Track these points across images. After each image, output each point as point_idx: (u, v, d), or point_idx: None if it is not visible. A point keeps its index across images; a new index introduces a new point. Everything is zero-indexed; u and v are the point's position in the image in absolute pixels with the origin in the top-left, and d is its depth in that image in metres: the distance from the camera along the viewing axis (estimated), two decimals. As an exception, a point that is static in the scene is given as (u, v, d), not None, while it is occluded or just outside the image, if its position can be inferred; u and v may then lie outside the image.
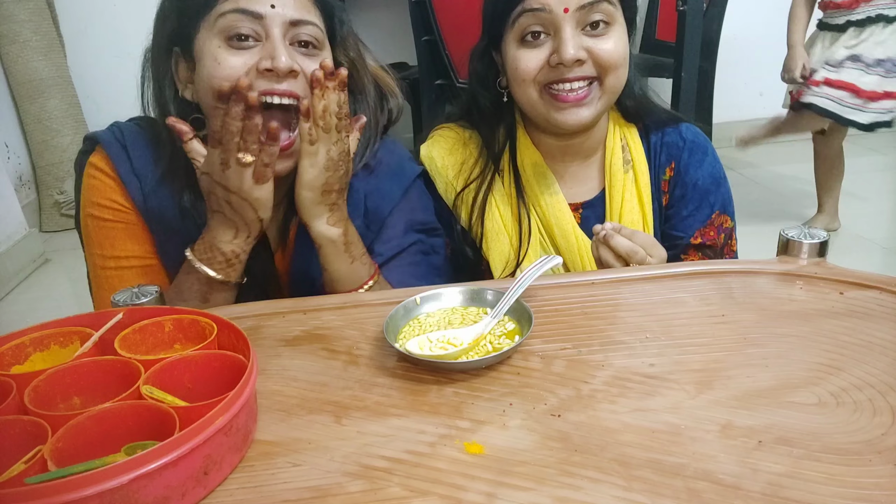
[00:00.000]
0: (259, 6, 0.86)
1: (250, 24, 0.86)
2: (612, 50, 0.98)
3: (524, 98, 1.03)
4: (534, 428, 0.61)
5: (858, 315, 0.76)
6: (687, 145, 1.11)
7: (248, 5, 0.86)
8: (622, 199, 1.10)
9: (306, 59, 0.90)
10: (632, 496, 0.53)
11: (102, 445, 0.57)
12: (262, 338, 0.79)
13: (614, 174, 1.10)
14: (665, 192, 1.12)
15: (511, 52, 1.01)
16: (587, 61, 0.98)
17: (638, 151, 1.11)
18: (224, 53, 0.86)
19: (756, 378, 0.66)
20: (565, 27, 0.95)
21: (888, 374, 0.66)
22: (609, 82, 1.00)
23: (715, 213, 1.10)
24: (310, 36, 0.90)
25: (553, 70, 0.98)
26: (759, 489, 0.53)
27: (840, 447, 0.57)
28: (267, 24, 0.86)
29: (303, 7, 0.90)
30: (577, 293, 0.85)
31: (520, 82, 1.01)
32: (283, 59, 0.86)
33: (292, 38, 0.89)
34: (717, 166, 1.12)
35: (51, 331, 0.69)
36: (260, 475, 0.58)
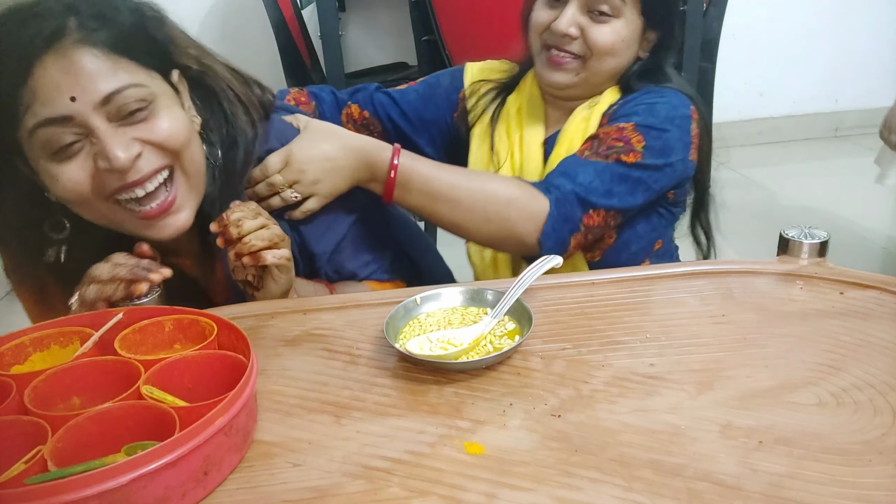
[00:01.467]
0: (59, 106, 0.74)
1: (64, 129, 0.75)
2: (602, 37, 1.07)
3: (532, 44, 1.16)
4: (534, 428, 0.61)
5: (858, 315, 0.76)
6: (647, 89, 1.11)
7: (48, 112, 0.74)
8: (567, 131, 1.14)
9: (143, 125, 0.79)
10: (632, 496, 0.53)
11: (102, 446, 0.57)
12: (262, 338, 0.79)
13: (576, 110, 1.15)
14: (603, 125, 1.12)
15: (538, 2, 1.13)
16: (578, 39, 1.08)
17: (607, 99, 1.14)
18: (55, 168, 0.77)
19: (756, 378, 0.66)
20: (571, 3, 1.07)
21: (888, 374, 0.66)
22: (592, 65, 1.10)
23: (629, 124, 1.06)
24: (134, 100, 0.78)
25: (552, 34, 1.10)
26: (760, 489, 0.53)
27: (840, 447, 0.57)
28: (80, 120, 0.75)
29: (106, 74, 0.76)
30: (576, 293, 0.85)
31: (531, 31, 1.14)
32: (116, 155, 0.76)
33: (115, 114, 0.77)
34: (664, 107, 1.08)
35: (51, 331, 0.69)
36: (260, 475, 0.58)
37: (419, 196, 0.99)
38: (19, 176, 0.83)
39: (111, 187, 0.79)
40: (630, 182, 1.04)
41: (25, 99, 0.74)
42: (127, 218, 0.83)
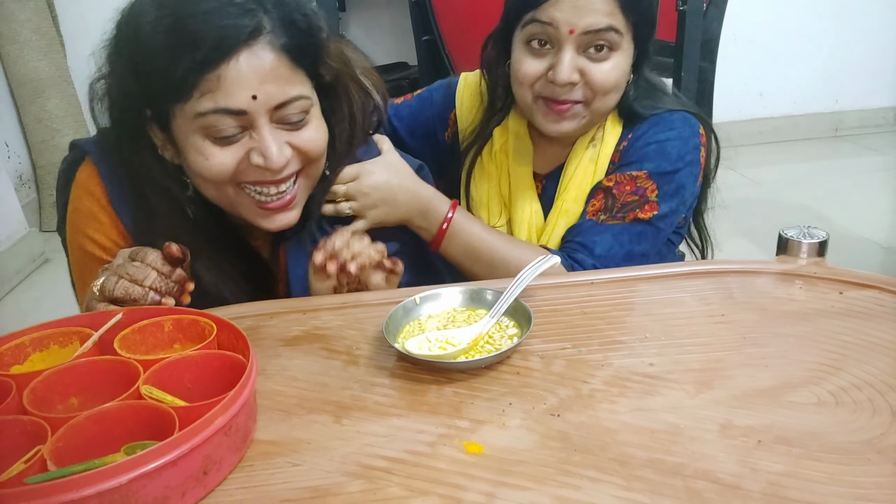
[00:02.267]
0: (240, 101, 0.78)
1: (233, 121, 0.79)
2: (605, 75, 1.01)
3: (519, 97, 1.08)
4: (533, 427, 0.61)
5: (858, 315, 0.76)
6: (655, 119, 1.08)
7: (228, 103, 0.77)
8: (575, 172, 1.10)
9: (296, 132, 0.84)
10: (631, 496, 0.53)
11: (102, 445, 0.57)
12: (262, 338, 0.79)
13: (577, 147, 1.12)
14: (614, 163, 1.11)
15: (516, 53, 1.05)
16: (579, 84, 1.01)
17: (611, 134, 1.11)
18: (210, 148, 0.81)
19: (755, 378, 0.66)
20: (567, 47, 0.99)
21: (887, 373, 0.66)
22: (596, 105, 1.04)
23: (642, 172, 1.05)
24: (299, 111, 0.83)
25: (548, 85, 1.02)
26: (759, 488, 0.53)
27: (839, 446, 0.57)
28: (251, 117, 0.79)
29: (285, 81, 0.80)
30: (576, 293, 0.85)
31: (518, 84, 1.06)
32: (274, 157, 0.81)
33: (279, 119, 0.82)
34: (675, 144, 1.06)
35: (50, 331, 0.69)
36: (259, 475, 0.58)
37: (461, 251, 1.04)
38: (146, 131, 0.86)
39: (251, 178, 0.84)
40: (648, 236, 1.06)
41: (208, 84, 0.77)
42: (247, 204, 0.87)
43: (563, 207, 1.10)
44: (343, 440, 0.61)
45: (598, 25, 0.97)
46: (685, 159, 1.06)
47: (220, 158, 0.81)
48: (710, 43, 2.74)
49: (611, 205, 1.06)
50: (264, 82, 0.78)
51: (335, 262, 0.87)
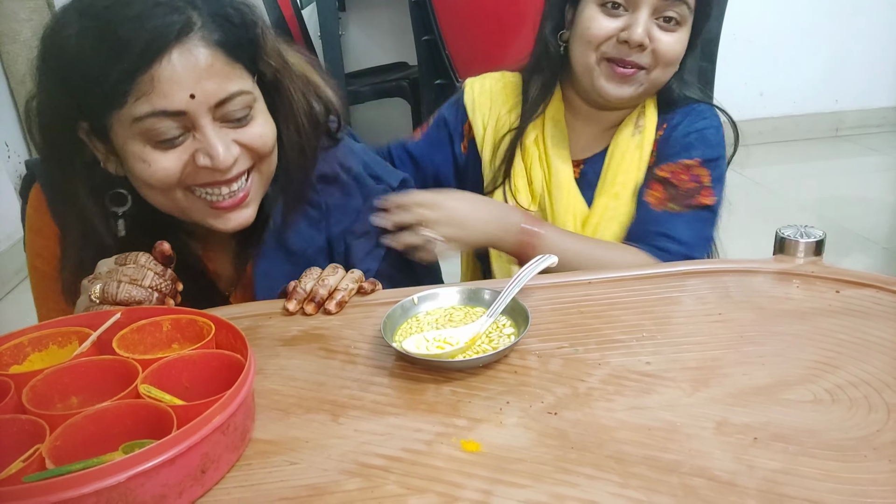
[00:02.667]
0: (177, 101, 0.75)
1: (173, 123, 0.76)
2: (671, 46, 1.04)
3: (582, 59, 1.09)
4: (530, 426, 0.61)
5: (854, 313, 0.76)
6: (691, 112, 1.13)
7: (165, 104, 0.75)
8: (622, 160, 1.12)
9: (241, 129, 0.81)
10: (628, 493, 0.53)
11: (100, 444, 0.57)
12: (260, 337, 0.80)
13: (621, 133, 1.13)
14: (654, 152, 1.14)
15: (588, 12, 1.06)
16: (647, 49, 1.04)
17: (651, 121, 1.14)
18: (151, 154, 0.78)
19: (752, 376, 0.67)
20: (643, 8, 1.02)
21: (884, 371, 0.66)
22: (655, 75, 1.06)
23: (694, 161, 1.10)
24: (241, 106, 0.80)
25: (617, 46, 1.04)
26: (755, 485, 0.53)
27: (835, 444, 0.57)
28: (191, 117, 0.76)
29: (223, 77, 0.77)
30: (573, 292, 0.85)
31: (584, 43, 1.07)
32: (220, 156, 0.78)
33: (223, 116, 0.79)
34: (710, 131, 1.12)
35: (49, 331, 0.69)
36: (257, 473, 0.58)
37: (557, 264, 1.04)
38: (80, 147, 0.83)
39: (200, 181, 0.81)
40: (712, 221, 1.11)
41: (143, 87, 0.74)
42: (198, 207, 0.84)
43: (613, 192, 1.12)
44: (341, 439, 0.61)
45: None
46: (721, 146, 1.13)
47: (163, 163, 0.78)
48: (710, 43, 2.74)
49: (674, 194, 1.08)
50: (201, 79, 0.75)
51: (312, 304, 0.84)
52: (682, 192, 1.08)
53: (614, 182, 1.12)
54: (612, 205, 1.12)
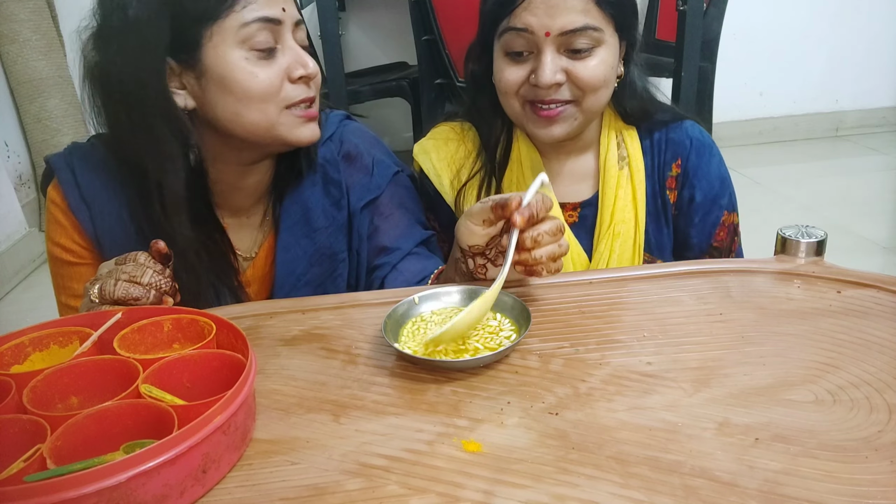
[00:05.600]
0: (276, 10, 0.85)
1: (271, 31, 0.85)
2: (591, 72, 0.97)
3: (508, 108, 1.05)
4: (531, 426, 0.61)
5: (855, 313, 0.76)
6: (694, 145, 1.10)
7: (269, 12, 0.84)
8: (615, 197, 1.08)
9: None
10: (629, 493, 0.53)
11: (101, 444, 0.57)
12: (261, 337, 0.80)
13: (608, 170, 1.09)
14: (672, 189, 1.11)
15: (497, 63, 1.03)
16: (565, 84, 0.98)
17: (635, 148, 1.10)
18: (255, 66, 0.85)
19: (753, 376, 0.67)
20: (546, 50, 0.96)
21: (885, 371, 0.66)
22: (587, 104, 1.00)
23: (724, 214, 1.10)
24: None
25: (533, 88, 0.99)
26: (756, 486, 0.53)
27: (837, 444, 0.57)
28: (282, 29, 0.87)
29: (294, 5, 0.90)
30: (574, 292, 0.85)
31: (503, 93, 1.03)
32: (310, 64, 0.88)
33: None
34: (723, 166, 1.12)
35: (50, 330, 0.69)
36: (258, 473, 0.58)
37: None
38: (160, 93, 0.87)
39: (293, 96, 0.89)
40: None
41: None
42: (288, 122, 0.90)
43: (615, 231, 1.08)
44: (342, 439, 0.61)
45: (574, 25, 0.94)
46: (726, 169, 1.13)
47: (267, 74, 0.85)
48: (710, 43, 2.75)
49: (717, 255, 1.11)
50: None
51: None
52: (725, 251, 1.11)
53: (613, 220, 1.08)
54: (615, 244, 1.08)
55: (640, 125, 1.12)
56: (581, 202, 1.12)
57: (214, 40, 0.83)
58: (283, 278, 0.99)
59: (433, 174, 1.12)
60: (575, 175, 1.13)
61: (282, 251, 0.99)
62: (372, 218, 1.04)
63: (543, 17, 0.94)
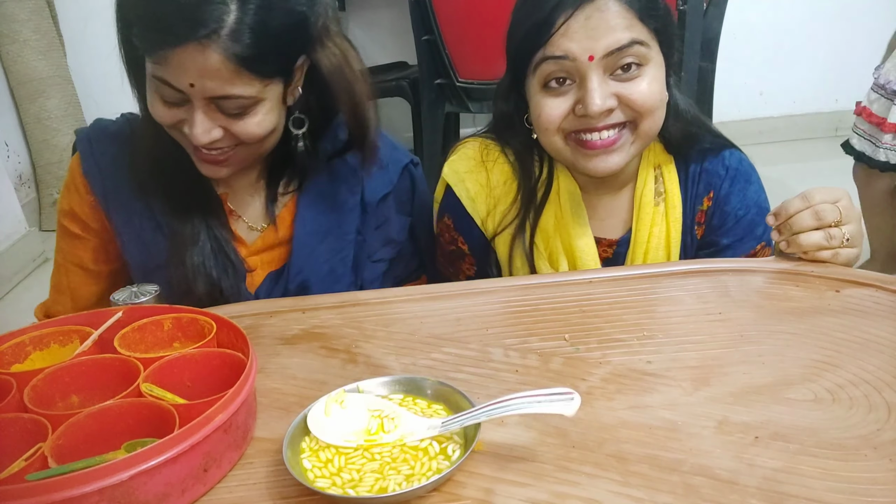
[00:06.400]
0: (179, 82, 0.82)
1: (173, 91, 0.83)
2: (645, 94, 0.88)
3: (549, 146, 0.95)
4: (532, 425, 0.61)
5: (854, 312, 0.76)
6: (729, 174, 1.02)
7: (169, 78, 0.82)
8: (649, 235, 1.01)
9: (234, 119, 0.85)
10: (629, 491, 0.53)
11: (102, 443, 0.57)
12: (262, 336, 0.80)
13: (643, 207, 1.01)
14: (700, 224, 1.04)
15: (534, 98, 0.93)
16: (617, 108, 0.89)
17: (672, 182, 1.03)
18: (156, 100, 0.85)
19: (752, 375, 0.67)
20: (591, 76, 0.86)
21: (883, 370, 0.66)
22: (644, 127, 0.91)
23: (760, 245, 1.02)
24: (236, 108, 0.84)
25: (579, 119, 0.90)
26: (756, 484, 0.53)
27: (836, 443, 0.57)
28: (187, 97, 0.83)
29: (226, 82, 0.81)
30: (574, 291, 0.85)
31: (543, 131, 0.93)
32: (198, 135, 0.84)
33: (218, 107, 0.84)
34: (763, 195, 1.04)
35: (50, 329, 0.70)
36: (259, 472, 0.58)
37: None
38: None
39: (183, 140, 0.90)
40: None
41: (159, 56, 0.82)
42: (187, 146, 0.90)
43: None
44: (342, 437, 0.61)
45: (619, 43, 0.85)
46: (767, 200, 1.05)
47: (160, 112, 0.86)
48: (710, 42, 2.74)
49: None
50: (203, 76, 0.81)
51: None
52: None
53: (646, 258, 1.02)
54: None
55: (682, 153, 1.04)
56: (617, 239, 1.05)
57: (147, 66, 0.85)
58: (300, 250, 1.01)
59: (467, 201, 1.04)
60: (611, 210, 1.05)
61: (300, 224, 1.01)
62: (384, 212, 1.06)
63: (584, 41, 0.85)
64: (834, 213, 0.84)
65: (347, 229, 1.03)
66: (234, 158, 0.91)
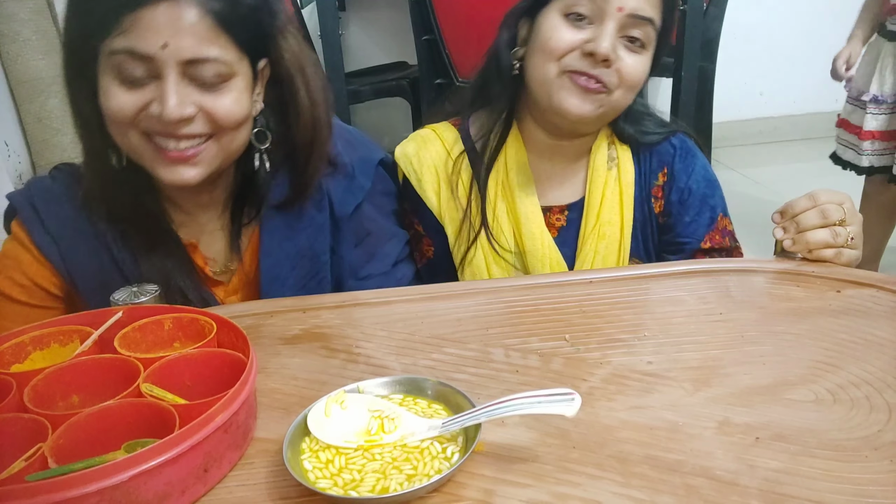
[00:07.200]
0: (148, 46, 0.77)
1: (141, 65, 0.78)
2: (635, 67, 0.96)
3: (540, 72, 0.99)
4: (532, 425, 0.61)
5: (855, 313, 0.76)
6: (678, 151, 1.09)
7: (136, 45, 0.77)
8: (602, 198, 1.07)
9: (208, 94, 0.82)
10: (630, 492, 0.53)
11: (103, 443, 0.57)
12: (262, 336, 0.80)
13: (596, 170, 1.08)
14: (658, 198, 1.10)
15: (550, 21, 0.98)
16: (612, 68, 0.95)
17: (625, 151, 1.09)
18: (115, 89, 0.80)
19: (753, 375, 0.67)
20: (610, 22, 0.94)
21: (885, 371, 0.66)
22: (616, 96, 0.98)
23: (719, 216, 1.08)
24: (213, 74, 0.81)
25: (580, 59, 0.95)
26: (757, 485, 0.53)
27: (837, 444, 0.57)
28: (158, 64, 0.78)
29: (202, 41, 0.79)
30: (575, 291, 0.85)
31: (546, 54, 0.97)
32: (170, 107, 0.79)
33: (192, 76, 0.80)
34: (709, 169, 1.11)
35: (50, 329, 0.69)
36: (259, 472, 0.58)
37: None
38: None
39: (153, 128, 0.82)
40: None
41: (126, 23, 0.77)
42: (148, 152, 0.84)
43: (600, 232, 1.06)
44: (342, 438, 0.61)
45: (644, 13, 0.94)
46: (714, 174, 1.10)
47: (121, 100, 0.80)
48: (710, 43, 2.75)
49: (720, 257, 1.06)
50: (178, 34, 0.77)
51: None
52: (728, 253, 1.08)
53: (599, 220, 1.06)
54: (600, 246, 1.06)
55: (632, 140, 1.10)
56: (568, 204, 1.10)
57: (100, 58, 0.81)
58: (269, 284, 0.96)
59: (414, 179, 1.10)
60: (565, 178, 1.11)
61: (265, 256, 0.96)
62: (362, 224, 1.02)
63: None
64: (839, 213, 0.87)
65: (320, 250, 0.99)
66: (205, 156, 0.85)
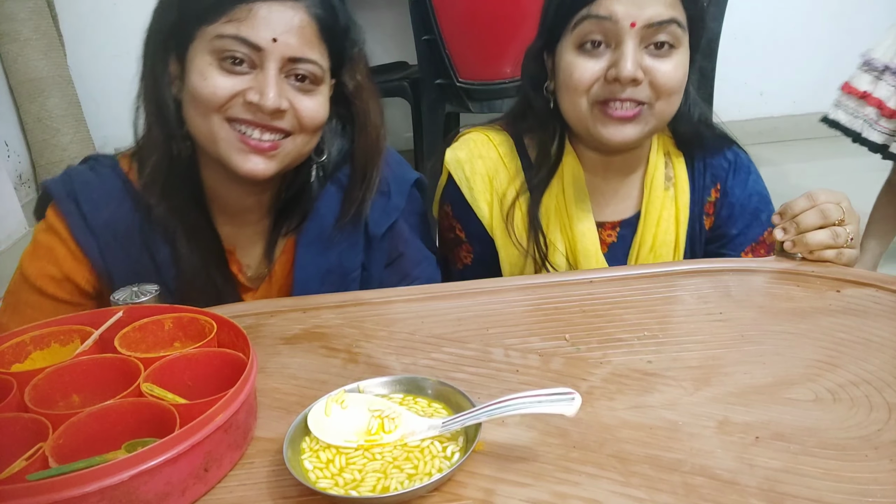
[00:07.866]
0: (260, 38, 0.82)
1: (247, 51, 0.83)
2: (670, 74, 0.92)
3: (571, 108, 0.97)
4: (532, 425, 0.61)
5: (855, 312, 0.76)
6: (731, 166, 1.08)
7: (248, 34, 0.82)
8: (658, 218, 1.04)
9: (299, 94, 0.86)
10: (629, 491, 0.53)
11: (103, 443, 0.57)
12: (262, 336, 0.80)
13: (654, 190, 1.04)
14: (709, 215, 1.07)
15: (566, 58, 0.95)
16: (643, 83, 0.91)
17: (681, 169, 1.06)
18: (213, 71, 0.83)
19: (753, 375, 0.67)
20: (628, 41, 0.89)
21: (884, 370, 0.66)
22: (659, 107, 0.94)
23: (767, 232, 1.04)
24: (308, 72, 0.86)
25: (607, 86, 0.92)
26: (756, 484, 0.53)
27: (836, 443, 0.57)
28: (264, 56, 0.83)
29: (306, 43, 0.85)
30: (575, 291, 0.85)
31: (571, 91, 0.95)
32: (270, 97, 0.83)
33: (289, 71, 0.85)
34: (762, 184, 1.09)
35: (51, 329, 0.69)
36: (260, 472, 0.58)
37: None
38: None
39: (239, 115, 0.85)
40: None
41: (239, 13, 0.82)
42: (229, 138, 0.86)
43: (656, 253, 1.04)
44: (343, 437, 0.61)
45: (661, 17, 0.89)
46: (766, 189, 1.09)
47: (218, 83, 0.84)
48: (710, 42, 2.75)
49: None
50: (288, 32, 0.83)
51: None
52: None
53: (654, 241, 1.04)
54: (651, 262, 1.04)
55: (688, 148, 1.07)
56: (621, 221, 1.07)
57: (197, 41, 0.84)
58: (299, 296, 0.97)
59: (465, 187, 1.07)
60: (618, 195, 1.07)
61: (299, 269, 0.97)
62: (395, 244, 1.02)
63: (630, 6, 0.88)
64: (838, 213, 0.86)
65: (350, 267, 1.00)
66: (281, 151, 0.88)
